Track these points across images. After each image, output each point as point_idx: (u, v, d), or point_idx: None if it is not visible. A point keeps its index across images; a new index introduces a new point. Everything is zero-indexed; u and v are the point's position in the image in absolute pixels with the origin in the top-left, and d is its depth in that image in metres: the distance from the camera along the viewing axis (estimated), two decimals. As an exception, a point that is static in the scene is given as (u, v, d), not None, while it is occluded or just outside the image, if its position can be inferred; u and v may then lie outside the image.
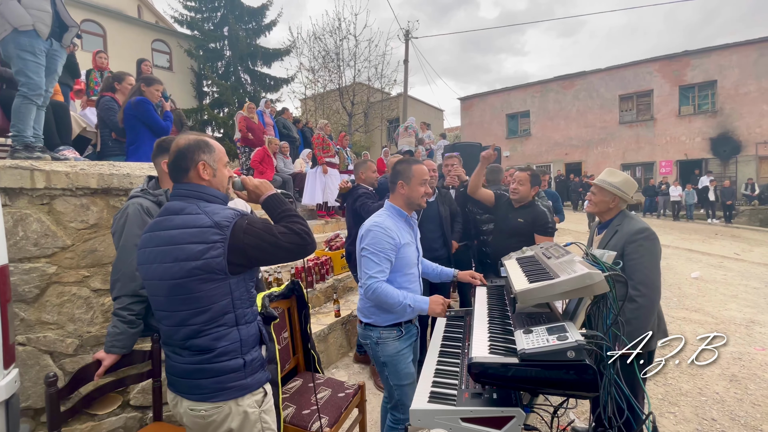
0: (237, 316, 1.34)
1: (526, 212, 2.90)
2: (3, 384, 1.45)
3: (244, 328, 1.36)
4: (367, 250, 1.85)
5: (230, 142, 14.43)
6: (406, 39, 17.10)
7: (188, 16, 17.84)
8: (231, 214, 1.31)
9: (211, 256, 1.25)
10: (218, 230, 1.26)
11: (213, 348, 1.30)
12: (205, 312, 1.28)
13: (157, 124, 3.39)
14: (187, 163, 1.34)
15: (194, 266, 1.25)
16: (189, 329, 1.29)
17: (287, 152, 7.38)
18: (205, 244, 1.25)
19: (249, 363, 1.35)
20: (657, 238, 1.93)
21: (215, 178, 1.39)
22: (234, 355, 1.32)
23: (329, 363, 3.62)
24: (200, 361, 1.31)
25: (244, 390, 1.34)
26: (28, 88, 2.58)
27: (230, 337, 1.32)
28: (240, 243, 1.27)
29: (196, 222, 1.28)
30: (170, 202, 1.36)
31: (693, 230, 12.49)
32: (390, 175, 2.05)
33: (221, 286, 1.29)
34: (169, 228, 1.30)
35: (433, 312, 1.81)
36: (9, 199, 2.06)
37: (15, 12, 2.49)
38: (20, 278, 2.06)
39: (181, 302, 1.29)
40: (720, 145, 16.20)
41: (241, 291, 1.35)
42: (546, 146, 20.29)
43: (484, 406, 1.31)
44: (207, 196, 1.36)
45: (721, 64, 16.18)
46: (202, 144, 1.37)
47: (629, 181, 2.11)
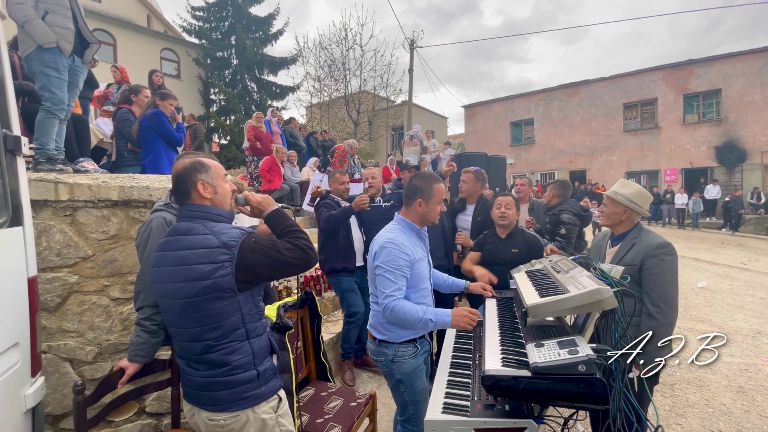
0: (248, 330, 1.39)
1: (516, 241, 2.80)
2: (31, 392, 1.51)
3: (256, 341, 1.41)
4: (383, 268, 1.81)
5: (237, 150, 14.60)
6: (411, 48, 17.29)
7: (196, 25, 18.17)
8: (237, 234, 1.36)
9: (219, 275, 1.30)
10: (226, 250, 1.31)
11: (227, 362, 1.35)
12: (217, 328, 1.34)
13: (171, 135, 3.50)
14: (187, 186, 1.40)
15: (204, 285, 1.30)
16: (202, 345, 1.35)
17: (295, 161, 7.48)
18: (213, 264, 1.30)
19: (262, 373, 1.41)
20: (676, 254, 1.90)
21: (217, 195, 1.44)
22: (248, 367, 1.38)
23: (339, 371, 3.66)
24: (216, 375, 1.36)
25: (259, 398, 1.40)
26: (52, 103, 2.67)
27: (243, 350, 1.37)
28: (248, 261, 1.32)
29: (205, 243, 1.33)
30: (178, 223, 1.43)
31: (699, 239, 12.45)
32: (407, 188, 1.99)
33: (231, 303, 1.34)
34: (178, 249, 1.36)
35: (457, 325, 1.75)
36: (34, 210, 2.13)
37: (39, 30, 2.59)
38: (43, 287, 2.13)
39: (193, 320, 1.34)
40: (725, 153, 16.17)
41: (250, 306, 1.40)
42: (550, 154, 20.33)
43: (497, 417, 1.36)
44: (213, 216, 1.41)
45: (725, 72, 16.20)
46: (197, 165, 1.42)
47: (642, 192, 2.07)
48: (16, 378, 1.43)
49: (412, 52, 17.36)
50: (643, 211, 2.06)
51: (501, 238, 2.84)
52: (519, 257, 2.64)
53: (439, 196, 1.93)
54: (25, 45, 2.63)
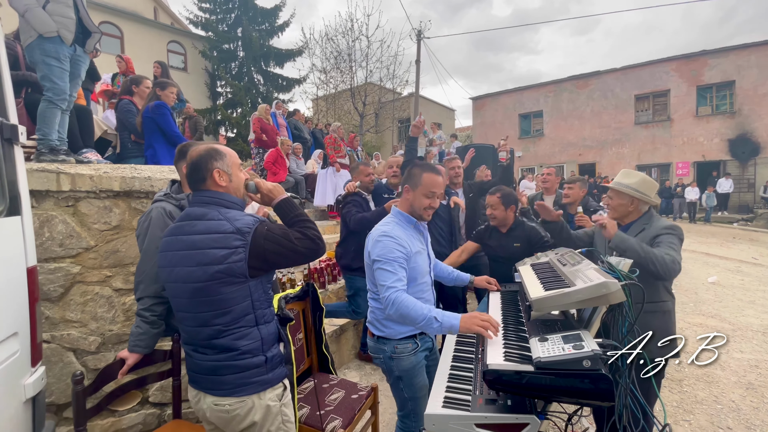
0: (257, 317, 1.40)
1: (517, 236, 2.73)
2: (31, 381, 1.51)
3: (264, 327, 1.43)
4: (380, 261, 1.73)
5: (243, 143, 14.63)
6: (418, 39, 17.09)
7: (203, 17, 18.13)
8: (251, 221, 1.37)
9: (233, 260, 1.31)
10: (240, 236, 1.33)
11: (236, 347, 1.36)
12: (228, 313, 1.35)
13: (171, 130, 3.45)
14: (203, 173, 1.41)
15: (217, 270, 1.31)
16: (212, 329, 1.36)
17: (300, 153, 7.46)
18: (227, 249, 1.31)
19: (270, 359, 1.42)
20: (683, 237, 1.94)
21: (231, 183, 1.45)
22: (256, 352, 1.39)
23: (341, 364, 3.66)
24: (225, 359, 1.37)
25: (266, 384, 1.41)
26: (54, 93, 2.66)
27: (252, 336, 1.39)
28: (260, 248, 1.34)
29: (219, 228, 1.34)
30: (191, 208, 1.43)
31: (710, 233, 12.25)
32: (403, 178, 1.96)
33: (242, 289, 1.36)
34: (191, 233, 1.36)
35: (469, 331, 1.56)
36: (36, 201, 2.13)
37: (40, 18, 2.57)
38: (46, 278, 2.13)
39: (203, 304, 1.35)
40: (738, 146, 15.83)
41: (260, 293, 1.42)
42: (559, 147, 20.06)
43: (499, 412, 1.32)
44: (226, 203, 1.42)
45: (739, 64, 15.80)
46: (213, 153, 1.43)
47: (647, 180, 2.02)
48: (15, 368, 1.43)
49: (419, 43, 17.17)
50: (649, 199, 2.01)
51: (502, 233, 2.79)
52: (520, 251, 2.59)
53: (427, 187, 1.81)
54: (26, 34, 2.61)
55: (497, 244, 2.78)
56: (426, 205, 1.84)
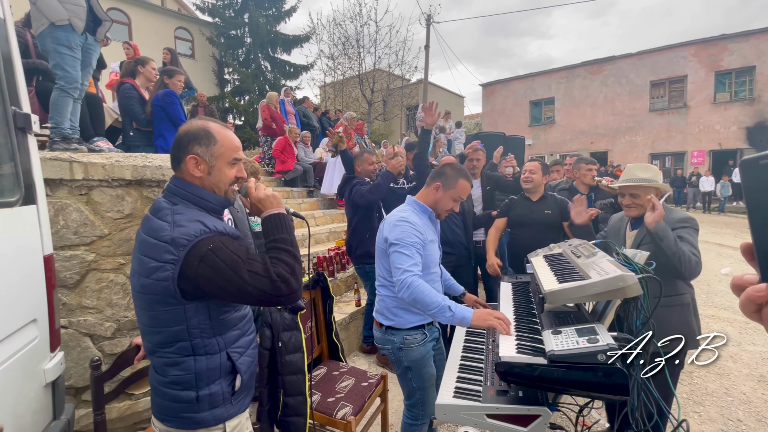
0: (194, 346, 1.13)
1: (549, 203, 2.87)
2: (50, 366, 1.55)
3: (203, 360, 1.14)
4: (397, 245, 1.72)
5: (252, 131, 14.61)
6: (427, 23, 16.79)
7: (209, 2, 17.96)
8: (194, 231, 1.07)
9: (158, 277, 1.05)
10: (173, 249, 1.05)
11: (165, 373, 1.16)
12: (158, 333, 1.13)
13: (180, 119, 3.40)
14: (180, 154, 1.16)
15: (144, 283, 1.08)
16: (148, 343, 1.18)
17: (308, 141, 7.43)
18: (156, 262, 1.06)
19: (203, 398, 1.15)
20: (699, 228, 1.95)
21: (210, 176, 1.17)
22: (186, 386, 1.14)
23: (350, 351, 3.70)
24: (155, 381, 1.19)
25: (197, 425, 1.17)
26: (65, 81, 2.67)
27: (184, 366, 1.14)
28: (191, 272, 1.05)
29: (158, 232, 1.08)
30: (156, 199, 1.19)
31: (725, 224, 12.03)
32: (435, 170, 1.95)
33: (174, 311, 1.09)
34: (143, 230, 1.14)
35: (482, 326, 1.60)
36: (50, 189, 2.16)
37: (51, 7, 2.56)
38: (62, 265, 2.17)
39: (139, 314, 1.17)
40: (757, 134, 15.39)
41: (202, 319, 1.13)
42: (571, 134, 19.73)
43: (511, 403, 1.33)
44: (195, 198, 1.16)
45: (760, 48, 15.27)
46: (201, 134, 1.15)
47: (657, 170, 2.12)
48: (35, 353, 1.46)
49: (428, 28, 16.87)
50: (666, 186, 2.08)
51: (532, 201, 2.92)
52: (552, 218, 2.78)
53: (458, 192, 1.87)
54: (38, 22, 2.61)
55: (526, 212, 2.91)
56: (450, 207, 1.91)
